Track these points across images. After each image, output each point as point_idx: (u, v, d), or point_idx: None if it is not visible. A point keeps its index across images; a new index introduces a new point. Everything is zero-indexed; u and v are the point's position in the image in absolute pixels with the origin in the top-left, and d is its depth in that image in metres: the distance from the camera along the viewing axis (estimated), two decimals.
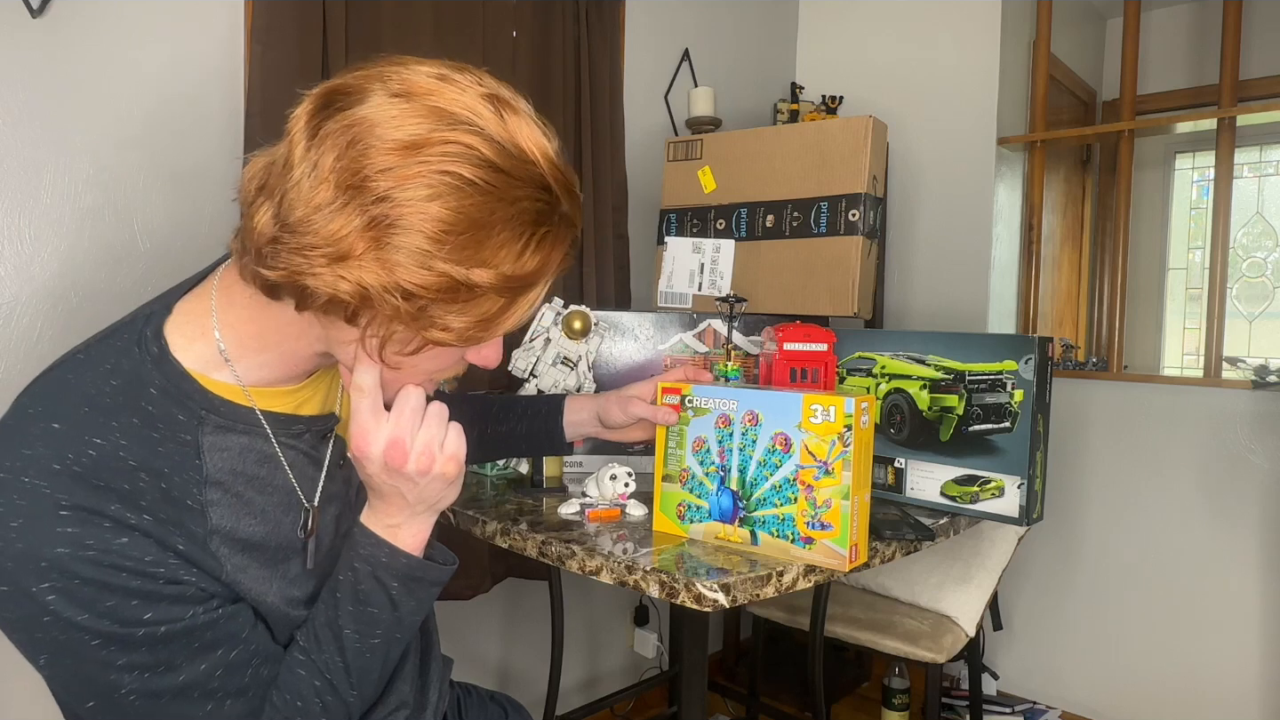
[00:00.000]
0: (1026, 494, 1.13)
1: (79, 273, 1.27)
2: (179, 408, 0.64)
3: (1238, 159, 2.52)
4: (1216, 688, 2.11)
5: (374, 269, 0.55)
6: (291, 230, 0.56)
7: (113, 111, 1.29)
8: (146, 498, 0.60)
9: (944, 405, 1.21)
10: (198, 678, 0.63)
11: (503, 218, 0.57)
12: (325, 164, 0.55)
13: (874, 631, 1.81)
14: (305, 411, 0.73)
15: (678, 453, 1.04)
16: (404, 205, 0.54)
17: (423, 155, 0.55)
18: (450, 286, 0.57)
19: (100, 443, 0.59)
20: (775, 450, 0.96)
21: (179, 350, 0.65)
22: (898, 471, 1.26)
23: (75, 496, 0.56)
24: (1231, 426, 2.07)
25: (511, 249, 0.58)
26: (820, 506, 0.93)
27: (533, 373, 1.40)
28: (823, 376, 1.26)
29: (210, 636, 0.64)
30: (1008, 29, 2.38)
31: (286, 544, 0.72)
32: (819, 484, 0.93)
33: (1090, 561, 2.29)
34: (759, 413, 0.97)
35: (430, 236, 0.55)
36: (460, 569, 1.85)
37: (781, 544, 0.96)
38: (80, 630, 0.57)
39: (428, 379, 0.69)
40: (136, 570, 0.58)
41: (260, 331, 0.66)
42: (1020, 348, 1.15)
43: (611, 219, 2.04)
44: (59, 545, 0.55)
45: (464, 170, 0.55)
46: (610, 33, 2.05)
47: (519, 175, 0.58)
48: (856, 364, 1.31)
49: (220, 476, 0.66)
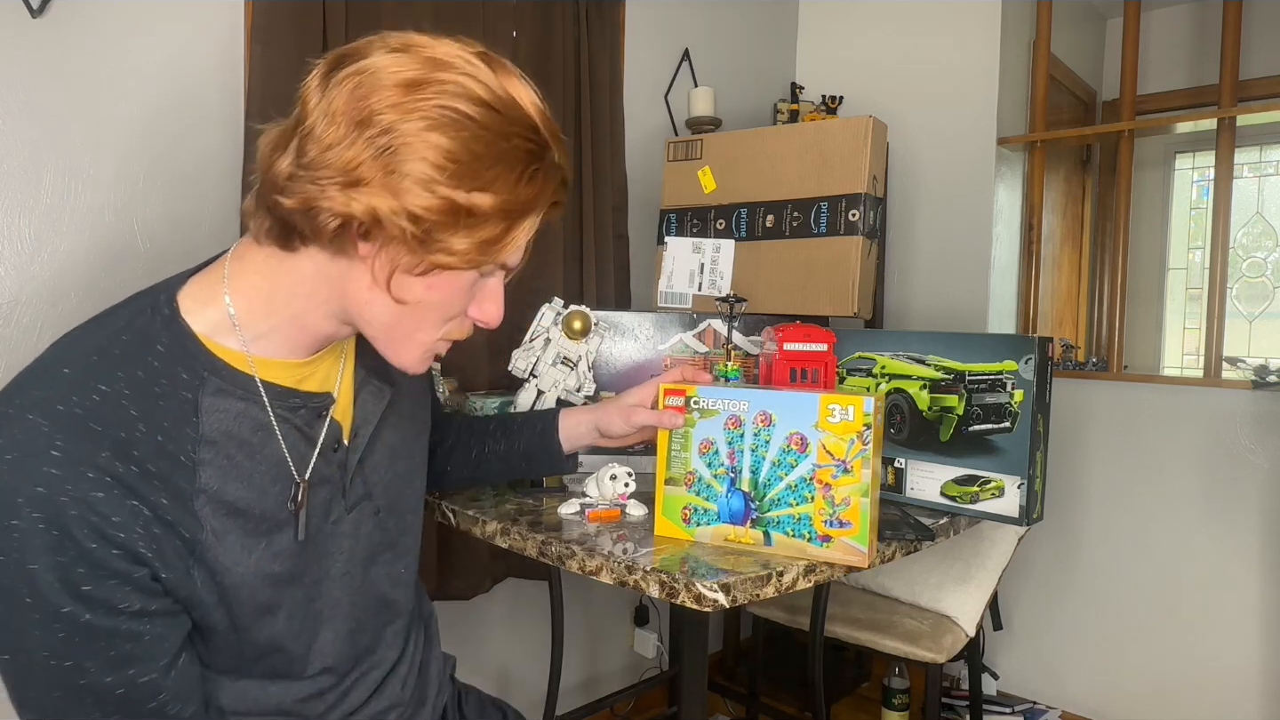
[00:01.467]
0: (1026, 494, 1.13)
1: (79, 273, 1.27)
2: (183, 367, 0.67)
3: (1238, 159, 2.52)
4: (1216, 688, 2.11)
5: (383, 194, 0.61)
6: (307, 167, 0.62)
7: (112, 111, 1.29)
8: (140, 448, 0.62)
9: (944, 405, 1.21)
10: (99, 687, 0.62)
11: (497, 151, 0.63)
12: (336, 108, 0.62)
13: (874, 631, 1.81)
14: (305, 387, 0.75)
15: (682, 455, 1.02)
16: (408, 136, 0.61)
17: (423, 93, 0.61)
18: (452, 210, 0.62)
19: (105, 389, 0.62)
20: (790, 450, 0.95)
21: (190, 314, 0.69)
22: (898, 471, 1.26)
23: (70, 440, 0.59)
24: (1231, 426, 2.07)
25: (507, 179, 0.64)
26: (839, 504, 0.93)
27: (533, 373, 1.40)
28: (823, 376, 1.26)
29: (129, 650, 0.63)
30: (1008, 29, 2.38)
31: (271, 515, 0.72)
32: (837, 482, 0.93)
33: (1090, 561, 2.29)
34: (772, 413, 0.96)
35: (433, 164, 0.61)
36: (460, 569, 1.85)
37: (797, 543, 0.95)
38: (24, 580, 0.58)
39: (436, 328, 0.72)
40: (97, 530, 0.59)
41: (271, 294, 0.70)
42: (1020, 348, 1.15)
43: (611, 219, 2.04)
44: (40, 484, 0.58)
45: (461, 105, 0.62)
46: (610, 33, 2.05)
47: (511, 117, 0.64)
48: (856, 364, 1.31)
49: (214, 437, 0.67)
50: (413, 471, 0.92)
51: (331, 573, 0.78)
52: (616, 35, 2.08)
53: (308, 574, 0.76)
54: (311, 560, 0.76)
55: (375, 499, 0.83)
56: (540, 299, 1.47)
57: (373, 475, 0.83)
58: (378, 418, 0.83)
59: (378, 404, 0.83)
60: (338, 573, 0.79)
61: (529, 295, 1.84)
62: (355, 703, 0.83)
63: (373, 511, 0.83)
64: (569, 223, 1.95)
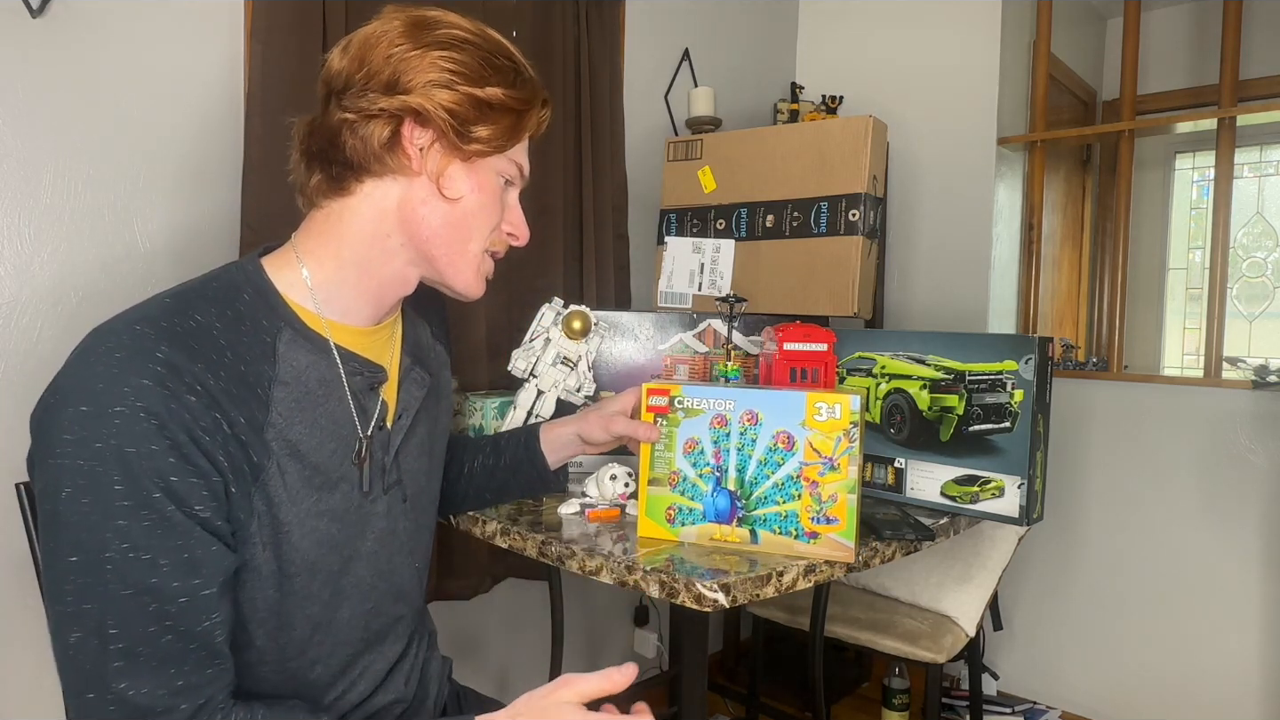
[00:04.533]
0: (1026, 494, 1.13)
1: (79, 273, 1.27)
2: (264, 313, 0.75)
3: (1238, 159, 2.52)
4: (1216, 688, 2.11)
5: (419, 98, 0.76)
6: (353, 94, 0.77)
7: (112, 111, 1.29)
8: (226, 371, 0.69)
9: (944, 405, 1.21)
10: (165, 590, 0.65)
11: (493, 64, 0.79)
12: (358, 55, 0.77)
13: (874, 631, 1.81)
14: (366, 355, 0.82)
15: (666, 455, 1.01)
16: (424, 58, 0.76)
17: (424, 30, 0.77)
18: (475, 103, 0.77)
19: (200, 318, 0.70)
20: (777, 448, 0.96)
21: (271, 273, 0.78)
22: (898, 471, 1.26)
23: (171, 348, 0.66)
24: (1231, 426, 2.07)
25: (504, 82, 0.80)
26: (826, 501, 0.94)
27: (533, 373, 1.40)
28: (823, 376, 1.26)
29: (200, 556, 0.67)
30: (1008, 29, 2.38)
31: (325, 469, 0.77)
32: (824, 480, 0.94)
33: (1090, 561, 2.29)
34: (759, 412, 0.97)
35: (450, 72, 0.77)
36: (460, 569, 1.85)
37: (784, 541, 0.96)
38: (120, 464, 0.63)
39: (484, 236, 0.84)
40: (188, 428, 0.65)
41: (338, 246, 0.79)
42: (1020, 348, 1.15)
43: (611, 219, 2.04)
44: (146, 378, 0.64)
45: (457, 33, 0.78)
46: (610, 33, 2.05)
47: (493, 45, 0.81)
48: (856, 364, 1.31)
49: (287, 378, 0.75)
50: (434, 469, 0.95)
51: (361, 551, 0.81)
52: (616, 35, 2.08)
53: (346, 545, 0.79)
54: (351, 532, 0.80)
55: (405, 486, 0.87)
56: (540, 299, 1.47)
57: (405, 463, 0.87)
58: (418, 405, 0.88)
59: (419, 391, 0.89)
60: (367, 551, 0.82)
61: (529, 295, 1.85)
62: (362, 693, 0.85)
63: (401, 498, 0.86)
64: (569, 223, 1.95)
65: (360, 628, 0.83)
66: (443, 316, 1.03)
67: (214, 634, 0.68)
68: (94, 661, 0.64)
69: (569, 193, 1.95)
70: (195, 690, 0.66)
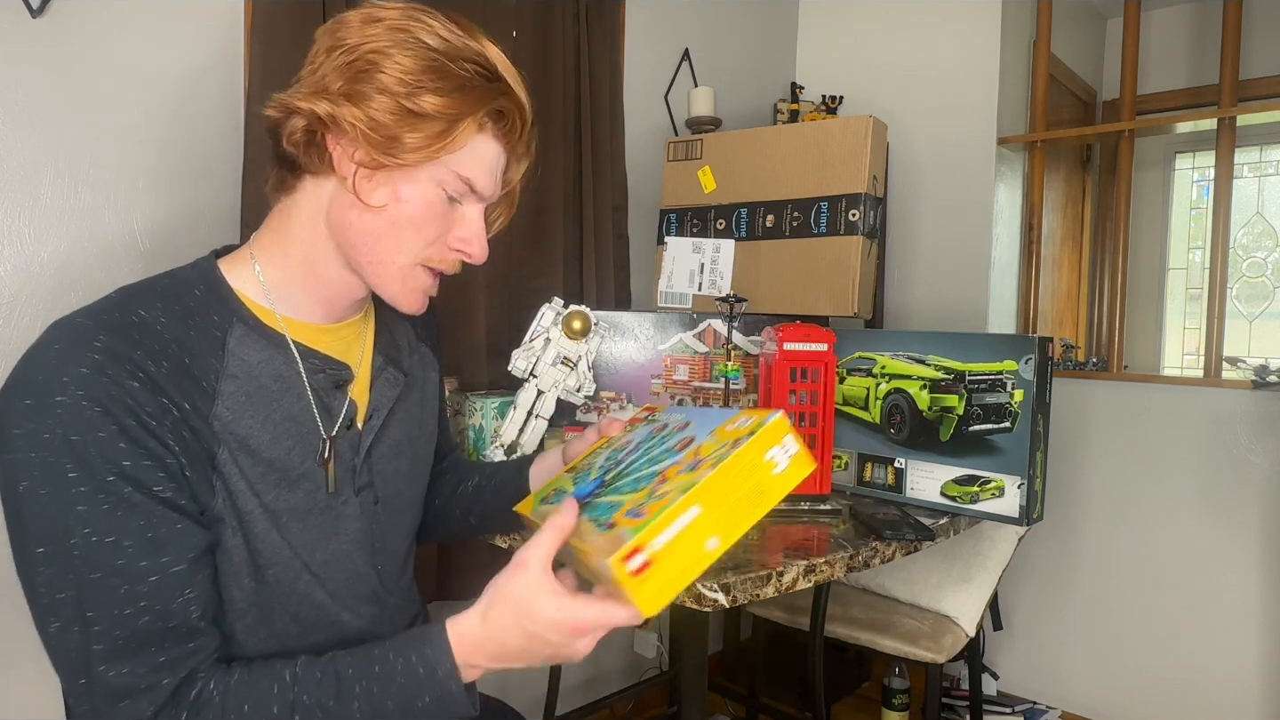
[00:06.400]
0: (1026, 494, 1.13)
1: (79, 272, 1.27)
2: (216, 308, 0.75)
3: (1238, 159, 2.52)
4: (1216, 688, 2.11)
5: (342, 100, 0.72)
6: (289, 90, 0.77)
7: (112, 111, 1.29)
8: (170, 361, 0.69)
9: (944, 405, 1.21)
10: (133, 570, 0.65)
11: (435, 71, 0.73)
12: (317, 49, 0.76)
13: (874, 631, 1.81)
14: (328, 353, 0.81)
15: (600, 450, 0.90)
16: (365, 54, 0.72)
17: (378, 25, 0.73)
18: (399, 111, 0.72)
19: (144, 314, 0.71)
20: (671, 450, 0.76)
21: (226, 271, 0.78)
22: (898, 471, 1.26)
23: (111, 338, 0.66)
24: (1231, 426, 2.07)
25: (442, 90, 0.73)
26: (655, 496, 0.67)
27: (533, 372, 1.40)
28: (823, 376, 1.26)
29: (164, 534, 0.66)
30: (1008, 29, 2.38)
31: (283, 467, 0.76)
32: (676, 479, 0.69)
33: (1090, 561, 2.29)
34: (691, 422, 0.81)
35: (382, 76, 0.72)
36: (460, 569, 1.84)
37: (585, 526, 0.72)
38: (69, 452, 0.63)
39: (415, 250, 0.78)
40: (133, 412, 0.65)
41: (284, 242, 0.79)
42: (1020, 348, 1.15)
43: (611, 219, 2.04)
44: (83, 366, 0.64)
45: (413, 33, 0.73)
46: (610, 33, 2.05)
47: (459, 45, 0.74)
48: (856, 364, 1.31)
49: (236, 372, 0.74)
50: (416, 472, 0.93)
51: (335, 552, 0.80)
52: (616, 35, 2.08)
53: (318, 545, 0.79)
54: (319, 532, 0.79)
55: (376, 488, 0.85)
56: (540, 299, 1.47)
57: (378, 464, 0.85)
58: (390, 405, 0.87)
59: (392, 391, 0.87)
60: (341, 553, 0.81)
61: (529, 295, 1.85)
62: None
63: (372, 501, 0.85)
64: (569, 223, 1.95)
65: (340, 626, 0.82)
66: (432, 319, 1.00)
67: (189, 609, 0.68)
68: (77, 648, 0.64)
69: (569, 193, 1.95)
70: (176, 665, 0.66)
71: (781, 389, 1.25)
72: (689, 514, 0.63)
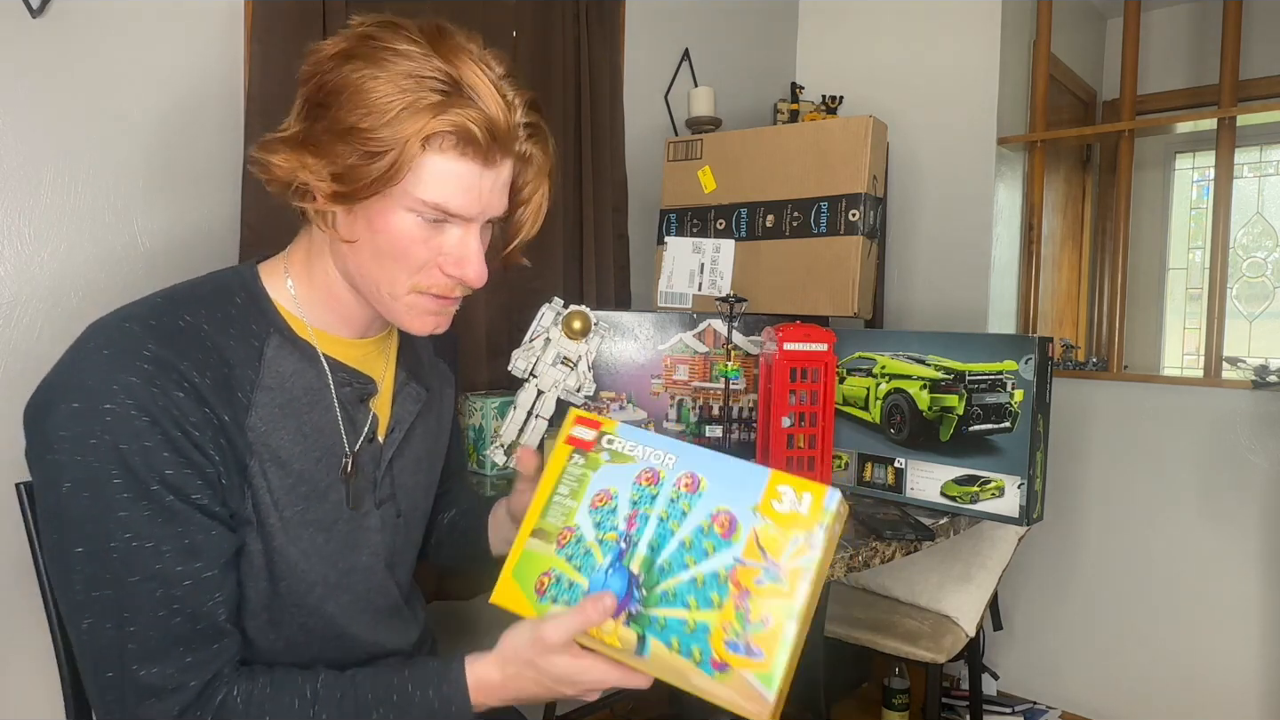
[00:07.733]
0: (1026, 494, 1.14)
1: (79, 273, 1.27)
2: (255, 318, 0.76)
3: (1238, 159, 2.52)
4: (1216, 688, 2.11)
5: (302, 149, 0.70)
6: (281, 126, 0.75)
7: (112, 111, 1.29)
8: (212, 371, 0.70)
9: (944, 405, 1.21)
10: (170, 575, 0.66)
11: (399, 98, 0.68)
12: (300, 75, 0.74)
13: (874, 631, 1.81)
14: (356, 367, 0.82)
15: (568, 503, 0.74)
16: (324, 93, 0.70)
17: (339, 55, 0.71)
18: (348, 148, 0.69)
19: (189, 319, 0.71)
20: (711, 532, 0.68)
21: (265, 280, 0.79)
22: (898, 471, 1.26)
23: (159, 346, 0.67)
24: (1231, 426, 2.07)
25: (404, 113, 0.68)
26: (754, 623, 0.64)
27: (533, 372, 1.40)
28: (823, 376, 1.26)
29: (200, 541, 0.68)
30: (1008, 29, 2.38)
31: (310, 479, 0.76)
32: (760, 591, 0.65)
33: (1090, 561, 2.29)
34: (702, 478, 0.71)
35: (342, 115, 0.69)
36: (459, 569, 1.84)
37: (680, 663, 0.66)
38: (116, 459, 0.64)
39: (406, 277, 0.75)
40: (178, 423, 0.66)
41: (310, 267, 0.79)
42: (1020, 348, 1.15)
43: (611, 219, 2.04)
44: (134, 375, 0.65)
45: (369, 62, 0.70)
46: (610, 33, 2.05)
47: (416, 73, 0.69)
48: (856, 364, 1.31)
49: (271, 384, 0.75)
50: (429, 486, 0.95)
51: (357, 565, 0.81)
52: (616, 35, 2.08)
53: (340, 557, 0.79)
54: (342, 544, 0.80)
55: (398, 501, 0.86)
56: (540, 299, 1.47)
57: (399, 478, 0.86)
58: (412, 419, 0.87)
59: (414, 406, 0.88)
60: (362, 566, 0.82)
61: (529, 295, 1.85)
62: None
63: (395, 513, 0.86)
64: (569, 223, 1.95)
65: (347, 639, 0.82)
66: (450, 334, 0.98)
67: (218, 612, 0.70)
68: (109, 645, 0.66)
69: (569, 193, 1.95)
70: (203, 666, 0.68)
71: (781, 389, 1.25)
72: (797, 633, 0.65)
